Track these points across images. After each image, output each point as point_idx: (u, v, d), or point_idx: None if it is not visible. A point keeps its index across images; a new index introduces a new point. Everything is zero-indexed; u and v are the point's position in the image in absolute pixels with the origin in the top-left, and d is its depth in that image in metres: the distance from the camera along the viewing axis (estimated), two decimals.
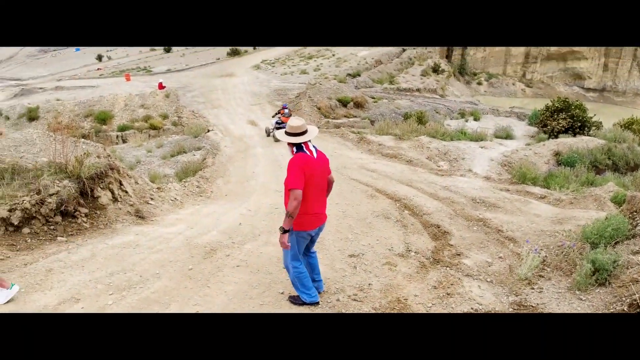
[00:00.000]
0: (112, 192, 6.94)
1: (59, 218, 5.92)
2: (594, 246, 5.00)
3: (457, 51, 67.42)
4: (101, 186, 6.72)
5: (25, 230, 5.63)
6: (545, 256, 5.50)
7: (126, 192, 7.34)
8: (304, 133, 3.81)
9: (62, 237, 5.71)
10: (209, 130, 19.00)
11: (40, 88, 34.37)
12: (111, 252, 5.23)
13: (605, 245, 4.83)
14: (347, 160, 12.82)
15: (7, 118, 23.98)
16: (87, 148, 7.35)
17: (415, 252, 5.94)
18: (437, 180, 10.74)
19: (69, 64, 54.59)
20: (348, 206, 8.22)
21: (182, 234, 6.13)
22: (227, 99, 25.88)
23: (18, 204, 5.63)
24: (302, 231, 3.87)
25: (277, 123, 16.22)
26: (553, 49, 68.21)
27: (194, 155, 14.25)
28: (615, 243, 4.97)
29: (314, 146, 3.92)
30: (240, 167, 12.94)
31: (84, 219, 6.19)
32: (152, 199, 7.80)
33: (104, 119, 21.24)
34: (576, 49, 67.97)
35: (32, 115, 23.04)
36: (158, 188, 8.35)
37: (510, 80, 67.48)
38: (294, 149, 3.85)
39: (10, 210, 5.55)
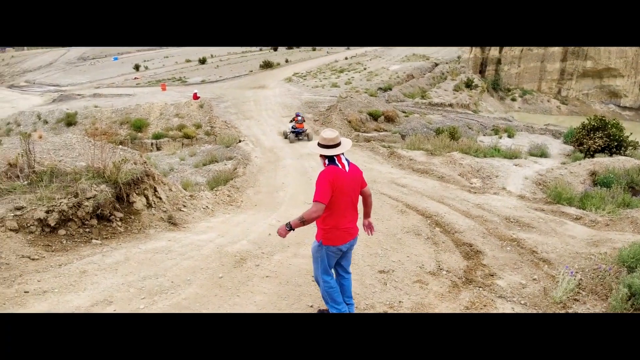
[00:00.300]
0: (147, 198, 7.08)
1: (94, 221, 6.07)
2: (630, 270, 4.79)
3: (490, 66, 66.55)
4: (137, 192, 6.86)
5: (61, 231, 5.78)
6: (581, 279, 5.29)
7: (160, 198, 7.48)
8: (337, 145, 3.75)
9: (97, 240, 5.84)
10: (240, 141, 19.29)
11: (79, 94, 35.80)
12: (144, 257, 5.31)
13: None
14: (377, 174, 12.73)
15: (46, 122, 25.03)
16: (124, 154, 7.54)
17: (446, 271, 5.79)
18: (470, 197, 10.52)
19: (106, 73, 56.65)
20: (377, 221, 8.12)
21: (213, 241, 6.18)
22: (259, 111, 26.25)
23: (55, 205, 5.79)
24: (332, 246, 3.80)
25: (292, 128, 19.14)
26: (589, 66, 66.40)
27: (226, 164, 14.46)
28: None
29: (346, 159, 3.85)
30: (270, 177, 13.03)
31: (119, 223, 6.32)
32: (184, 206, 7.92)
33: (139, 126, 21.88)
34: (612, 66, 66.01)
35: (70, 121, 23.94)
36: (190, 196, 8.47)
37: (545, 97, 66.03)
38: (326, 161, 3.79)
39: (47, 212, 5.72)
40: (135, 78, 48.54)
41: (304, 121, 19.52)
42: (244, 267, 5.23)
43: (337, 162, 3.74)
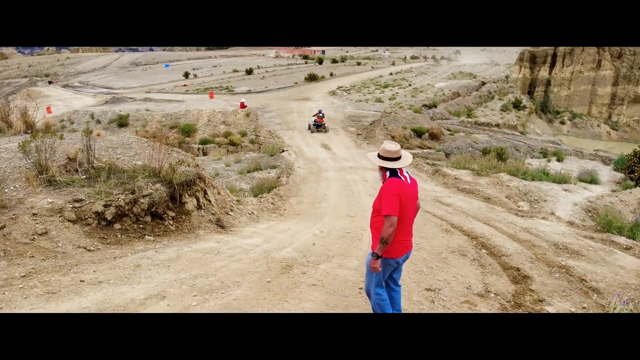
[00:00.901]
0: (198, 200, 7.29)
1: (148, 218, 6.30)
2: None
3: (539, 87, 64.78)
4: (189, 193, 7.08)
5: (117, 225, 6.02)
6: (631, 310, 5.05)
7: (209, 201, 7.68)
8: (398, 158, 3.75)
9: (150, 236, 6.06)
10: (283, 151, 19.56)
11: (130, 98, 37.41)
12: (195, 256, 5.46)
13: None
14: (421, 192, 12.47)
15: (98, 122, 26.27)
16: (179, 157, 7.81)
17: (494, 294, 5.63)
18: (517, 221, 10.22)
19: (157, 78, 58.95)
20: (422, 239, 8.03)
21: (259, 246, 6.28)
22: (302, 122, 26.57)
23: (113, 200, 6.06)
24: (389, 258, 3.79)
25: (314, 122, 24.51)
26: None
27: (269, 173, 14.68)
28: None
29: (407, 172, 3.86)
30: (313, 188, 13.12)
31: (171, 222, 6.54)
32: (231, 210, 8.09)
33: (188, 131, 22.62)
34: None
35: (122, 122, 25.04)
36: (237, 200, 8.65)
37: (594, 122, 63.61)
38: (387, 174, 3.76)
39: (105, 206, 5.98)
40: (184, 85, 50.31)
41: (324, 117, 25.09)
42: (290, 273, 5.28)
43: (399, 174, 3.74)
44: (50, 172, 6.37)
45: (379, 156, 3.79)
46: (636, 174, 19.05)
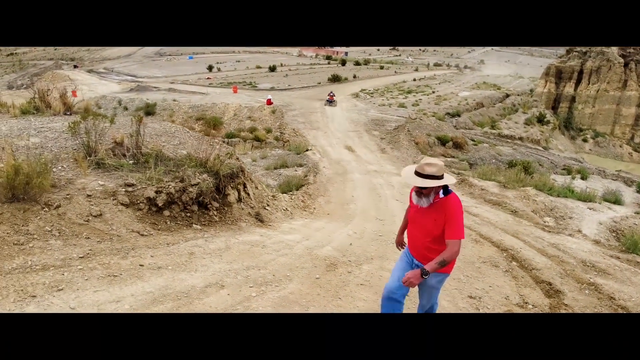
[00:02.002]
0: (239, 193, 7.48)
1: (195, 207, 6.49)
2: None
3: (564, 103, 64.07)
4: (231, 185, 7.27)
5: (166, 212, 6.21)
6: None
7: (248, 194, 7.87)
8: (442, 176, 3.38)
9: (197, 225, 6.25)
10: (307, 150, 19.73)
11: (155, 87, 37.94)
12: (243, 248, 5.63)
13: None
14: None
15: (125, 108, 26.72)
16: (224, 148, 8.00)
17: (532, 305, 5.73)
18: (544, 236, 10.25)
19: (181, 70, 59.60)
20: None
21: (300, 243, 6.44)
22: (326, 123, 26.73)
23: (164, 187, 6.24)
24: (448, 274, 3.68)
25: (327, 100, 33.18)
26: None
27: (296, 171, 14.87)
28: None
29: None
30: (340, 189, 13.26)
31: (215, 213, 6.73)
32: (268, 205, 8.28)
33: (215, 124, 22.92)
34: None
35: (149, 110, 25.46)
36: (273, 196, 8.84)
37: (617, 142, 62.73)
38: (441, 193, 3.42)
39: (156, 192, 6.17)
40: (208, 78, 50.84)
41: (334, 96, 33.57)
42: (336, 272, 5.43)
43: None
44: (100, 154, 6.56)
45: (427, 176, 3.31)
46: None
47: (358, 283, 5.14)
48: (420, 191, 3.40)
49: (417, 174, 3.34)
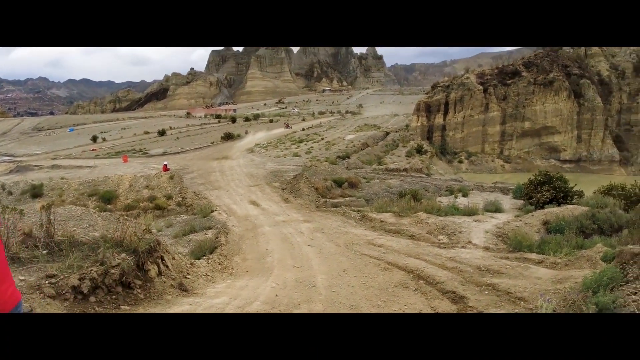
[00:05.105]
0: (158, 266, 7.57)
1: (119, 288, 6.49)
2: (594, 293, 5.75)
3: (436, 133, 71.46)
4: (150, 260, 7.36)
5: (92, 298, 6.14)
6: (555, 308, 6.19)
7: (167, 266, 7.96)
8: None
9: (125, 306, 6.26)
10: (213, 211, 19.74)
11: (36, 165, 35.15)
12: None
13: (605, 291, 5.62)
14: (353, 237, 13.62)
15: (10, 193, 24.39)
16: (134, 225, 8.06)
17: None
18: (441, 252, 11.54)
19: (62, 143, 55.91)
20: (367, 278, 8.91)
21: (230, 304, 6.73)
22: (226, 181, 26.97)
23: (87, 273, 6.20)
24: None
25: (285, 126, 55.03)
26: (527, 126, 72.70)
27: (206, 234, 14.88)
28: (612, 289, 5.77)
29: None
30: (253, 245, 13.57)
31: (139, 290, 6.76)
32: (188, 273, 8.40)
33: (109, 198, 21.91)
34: (549, 124, 72.34)
35: (36, 192, 23.55)
36: (191, 264, 8.96)
37: (489, 158, 70.87)
38: None
39: (80, 279, 6.11)
40: (93, 149, 48.28)
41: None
42: None
43: None
44: (12, 249, 6.35)
45: None
46: (534, 199, 21.95)
47: None
48: None
49: None
